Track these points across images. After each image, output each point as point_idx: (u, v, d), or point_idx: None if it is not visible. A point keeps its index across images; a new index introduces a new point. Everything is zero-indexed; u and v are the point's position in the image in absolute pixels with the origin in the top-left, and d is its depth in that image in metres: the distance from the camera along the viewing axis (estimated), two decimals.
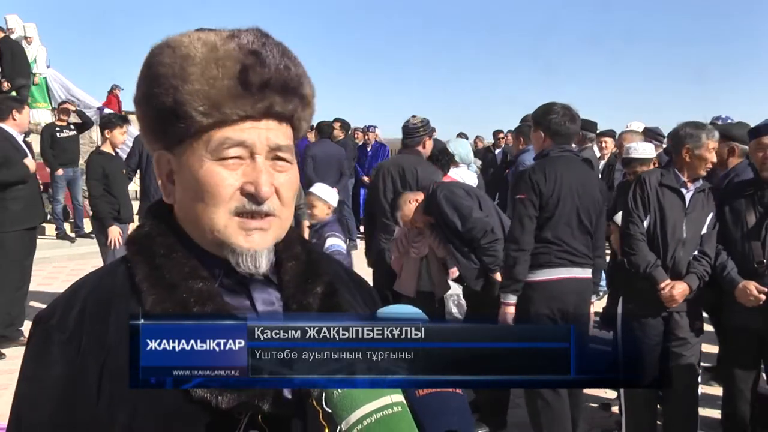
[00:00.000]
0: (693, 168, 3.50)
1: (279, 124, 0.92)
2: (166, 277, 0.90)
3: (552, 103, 3.73)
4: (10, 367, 5.29)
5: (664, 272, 3.46)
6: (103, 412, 0.87)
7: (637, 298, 3.58)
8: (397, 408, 0.73)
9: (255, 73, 0.88)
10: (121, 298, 0.91)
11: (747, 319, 3.40)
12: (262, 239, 0.90)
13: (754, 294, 3.32)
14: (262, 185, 0.88)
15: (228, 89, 0.87)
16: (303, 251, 1.01)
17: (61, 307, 0.93)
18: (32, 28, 13.85)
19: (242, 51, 0.89)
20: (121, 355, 0.84)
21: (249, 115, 0.89)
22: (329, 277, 1.00)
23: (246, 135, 0.89)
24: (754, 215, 3.44)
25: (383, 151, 11.76)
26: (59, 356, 0.89)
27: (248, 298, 0.94)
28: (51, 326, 0.91)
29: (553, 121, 3.63)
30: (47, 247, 9.36)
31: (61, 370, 0.88)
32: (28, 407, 0.90)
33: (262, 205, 0.89)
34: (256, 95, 0.88)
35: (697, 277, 3.42)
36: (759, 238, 3.41)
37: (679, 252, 3.46)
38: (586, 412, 4.20)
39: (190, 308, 0.88)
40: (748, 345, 3.49)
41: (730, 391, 3.62)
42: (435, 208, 3.99)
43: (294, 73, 0.92)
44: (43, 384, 0.89)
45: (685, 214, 3.48)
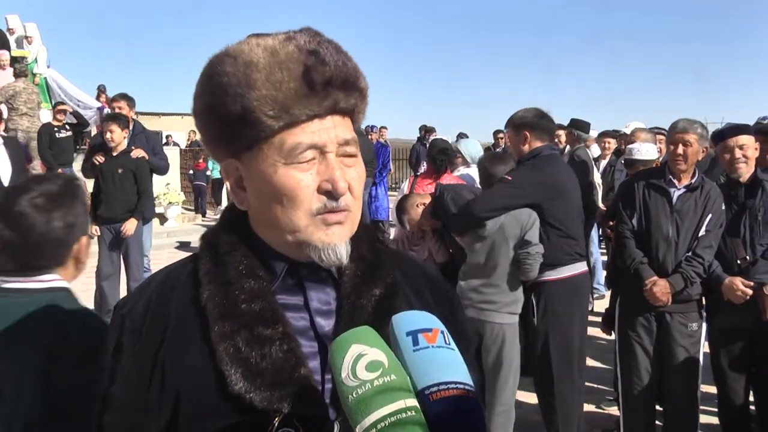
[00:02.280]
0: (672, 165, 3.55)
1: (343, 119, 0.95)
2: (224, 274, 0.94)
3: (526, 108, 3.74)
4: None
5: (650, 270, 3.48)
6: (153, 399, 0.92)
7: (630, 297, 3.61)
8: (411, 412, 0.73)
9: (317, 73, 0.90)
10: (183, 290, 0.96)
11: (736, 317, 3.42)
12: (340, 232, 0.93)
13: (741, 288, 3.34)
14: (338, 181, 0.90)
15: (294, 91, 0.89)
16: (370, 251, 1.02)
17: (133, 298, 1.00)
18: (33, 27, 13.84)
19: (302, 52, 0.91)
20: (174, 345, 0.92)
21: (316, 114, 0.91)
22: (393, 278, 1.00)
23: (316, 137, 0.91)
24: (730, 214, 3.48)
25: (384, 152, 11.77)
26: (127, 343, 0.96)
27: (304, 296, 0.96)
28: (123, 315, 0.99)
29: (539, 121, 3.64)
30: None
31: (126, 357, 0.95)
32: (108, 380, 0.98)
33: (339, 201, 0.92)
34: (321, 94, 0.90)
35: (682, 277, 3.41)
36: (739, 235, 3.45)
37: (665, 251, 3.47)
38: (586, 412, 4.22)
39: (239, 305, 0.91)
40: (737, 343, 3.51)
41: (724, 391, 3.63)
42: (441, 210, 3.97)
43: (351, 68, 0.94)
44: (115, 365, 0.97)
45: (671, 212, 3.49)
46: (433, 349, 0.78)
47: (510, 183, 3.49)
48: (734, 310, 3.41)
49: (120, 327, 0.98)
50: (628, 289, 3.62)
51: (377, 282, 0.98)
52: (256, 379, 0.87)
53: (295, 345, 0.91)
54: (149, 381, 0.92)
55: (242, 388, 0.86)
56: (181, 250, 10.99)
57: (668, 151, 3.58)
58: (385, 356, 0.77)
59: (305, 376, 0.89)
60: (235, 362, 0.88)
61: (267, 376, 0.87)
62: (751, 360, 3.55)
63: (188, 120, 25.85)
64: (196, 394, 0.89)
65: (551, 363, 3.50)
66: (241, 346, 0.89)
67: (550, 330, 3.50)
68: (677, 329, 3.50)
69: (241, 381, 0.87)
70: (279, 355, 0.89)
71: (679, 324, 3.50)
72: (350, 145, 0.94)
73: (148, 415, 0.92)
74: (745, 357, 3.53)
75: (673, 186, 3.52)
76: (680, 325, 3.50)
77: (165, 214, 12.50)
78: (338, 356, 0.78)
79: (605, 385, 4.80)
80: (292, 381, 0.88)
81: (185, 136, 21.21)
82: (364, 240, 1.02)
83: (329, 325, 0.94)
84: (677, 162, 3.47)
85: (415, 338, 0.79)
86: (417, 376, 0.76)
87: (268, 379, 0.87)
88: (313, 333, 0.94)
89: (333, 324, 0.95)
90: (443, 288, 1.11)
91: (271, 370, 0.88)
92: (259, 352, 0.89)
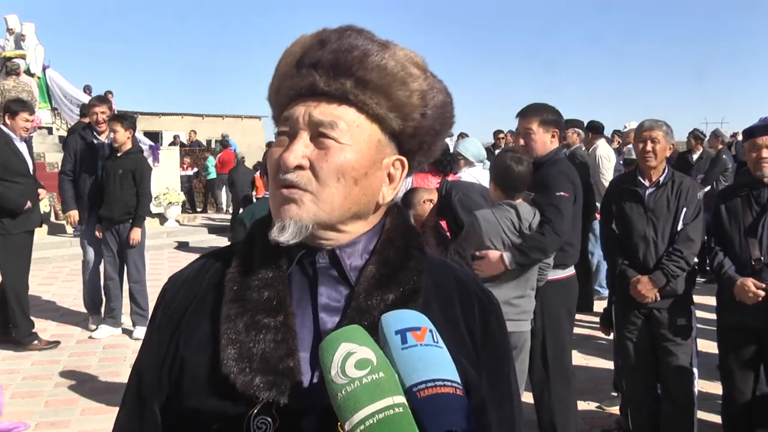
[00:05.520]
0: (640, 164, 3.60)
1: (329, 104, 0.93)
2: (249, 259, 0.98)
3: (543, 104, 3.70)
4: (11, 368, 5.31)
5: (633, 271, 3.52)
6: (166, 366, 0.96)
7: (622, 297, 3.65)
8: (398, 409, 0.73)
9: (308, 56, 0.95)
10: (216, 271, 1.01)
11: (747, 318, 3.40)
12: (289, 209, 0.92)
13: (753, 290, 3.33)
14: (287, 155, 0.91)
15: (286, 72, 0.97)
16: (399, 255, 0.98)
17: (177, 275, 1.06)
18: (29, 27, 13.86)
19: (313, 39, 0.96)
20: (191, 321, 0.97)
21: (297, 93, 0.95)
22: (414, 285, 0.95)
23: (291, 111, 0.95)
24: (750, 214, 3.46)
25: None
26: (159, 315, 1.02)
27: (315, 290, 0.96)
28: (166, 289, 1.05)
29: (563, 121, 3.65)
30: (47, 247, 9.37)
31: (155, 328, 1.01)
32: (141, 348, 1.04)
33: (287, 174, 0.92)
34: (304, 75, 0.94)
35: (663, 273, 3.43)
36: (756, 236, 3.43)
37: (645, 250, 3.50)
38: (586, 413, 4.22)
39: (250, 290, 0.94)
40: (746, 344, 3.50)
41: (729, 391, 3.63)
42: (449, 211, 3.95)
43: (353, 56, 0.93)
44: (149, 336, 1.03)
45: (645, 212, 3.51)
46: (422, 347, 0.78)
47: (569, 198, 3.47)
48: (745, 310, 3.39)
49: (160, 300, 1.04)
50: (620, 292, 3.67)
51: (392, 287, 0.94)
52: (245, 363, 0.88)
53: (290, 336, 0.91)
54: (165, 351, 0.97)
55: (230, 370, 0.88)
56: (180, 250, 11.00)
57: (636, 149, 3.64)
58: (374, 354, 0.78)
59: (291, 367, 0.89)
60: (230, 344, 0.90)
61: (254, 363, 0.88)
62: (759, 361, 3.55)
63: (188, 120, 25.92)
64: (196, 367, 0.93)
65: (548, 363, 3.51)
66: (240, 329, 0.91)
67: (548, 331, 3.52)
68: (666, 325, 3.52)
69: (231, 362, 0.89)
70: (271, 344, 0.90)
71: (668, 320, 3.52)
72: (326, 127, 0.92)
73: (160, 383, 0.96)
74: (754, 357, 3.53)
75: (643, 186, 3.55)
76: (669, 322, 3.52)
77: (165, 214, 12.50)
78: (328, 354, 0.78)
79: (605, 385, 4.80)
80: (278, 371, 0.88)
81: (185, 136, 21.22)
82: (394, 243, 0.99)
83: (333, 323, 0.94)
84: (647, 158, 3.51)
85: (404, 336, 0.79)
86: (405, 374, 0.77)
87: (255, 366, 0.88)
88: (313, 327, 0.94)
89: (337, 321, 0.94)
90: (481, 304, 1.02)
91: (260, 357, 0.89)
92: (254, 338, 0.90)
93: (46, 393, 4.80)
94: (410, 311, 0.84)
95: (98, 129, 6.19)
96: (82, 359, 5.54)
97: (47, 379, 5.08)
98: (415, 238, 1.02)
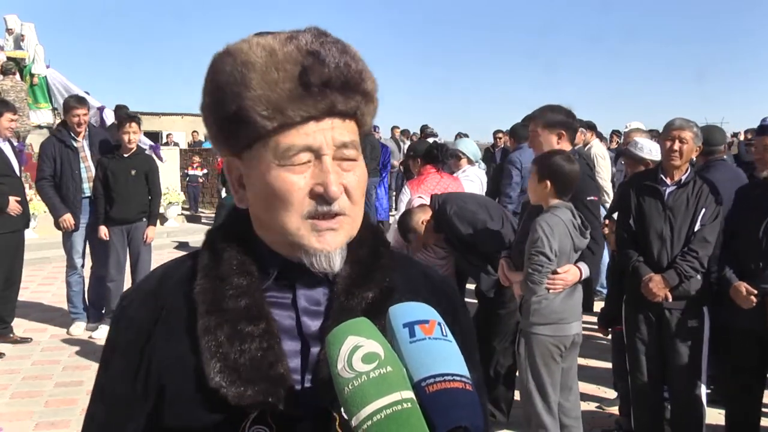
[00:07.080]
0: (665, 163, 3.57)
1: (343, 122, 0.92)
2: (218, 269, 0.94)
3: (553, 105, 3.70)
4: (11, 368, 5.30)
5: (646, 267, 3.50)
6: (139, 387, 0.93)
7: (633, 296, 3.62)
8: (406, 404, 0.72)
9: (315, 74, 0.88)
10: (179, 284, 0.97)
11: (752, 320, 3.38)
12: (333, 239, 0.91)
13: (743, 294, 3.32)
14: (331, 185, 0.88)
15: (289, 92, 0.87)
16: (370, 253, 0.99)
17: (134, 290, 1.03)
18: (29, 27, 13.83)
19: (301, 52, 0.88)
20: (162, 336, 0.93)
21: (312, 115, 0.89)
22: (390, 282, 0.97)
23: (311, 139, 0.89)
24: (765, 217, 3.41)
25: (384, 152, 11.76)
26: (121, 335, 0.98)
27: (293, 295, 0.95)
28: (123, 306, 1.00)
29: (573, 122, 3.63)
30: (47, 247, 9.35)
31: (118, 348, 0.97)
32: (102, 370, 1.00)
33: (332, 205, 0.89)
34: (318, 95, 0.88)
35: (676, 272, 3.41)
36: None
37: (660, 248, 3.48)
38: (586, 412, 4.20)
39: (226, 300, 0.91)
40: (751, 345, 3.48)
41: (734, 391, 3.62)
42: (445, 225, 3.93)
43: (354, 70, 0.91)
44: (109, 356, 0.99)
45: (664, 210, 3.49)
46: (430, 340, 0.77)
47: (598, 203, 3.49)
48: (749, 313, 3.37)
49: (118, 318, 1.00)
50: (632, 289, 3.63)
51: (371, 285, 0.95)
52: (233, 374, 0.86)
53: (275, 343, 0.90)
54: (136, 370, 0.93)
55: (218, 382, 0.86)
56: (180, 250, 10.99)
57: (663, 147, 3.60)
58: (382, 348, 0.77)
59: (282, 374, 0.88)
60: (215, 357, 0.88)
61: (243, 372, 0.87)
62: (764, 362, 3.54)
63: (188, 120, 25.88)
64: (178, 386, 0.90)
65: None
66: (223, 340, 0.88)
67: None
68: (677, 326, 3.50)
69: (218, 375, 0.86)
70: (257, 352, 0.88)
71: (679, 320, 3.50)
72: (349, 148, 0.91)
73: (133, 405, 0.93)
74: (758, 359, 3.51)
75: (664, 184, 3.53)
76: (680, 322, 3.50)
77: (165, 214, 12.50)
78: (334, 348, 0.77)
79: (605, 385, 4.79)
80: (268, 378, 0.87)
81: (185, 136, 21.20)
82: (366, 242, 0.99)
83: (316, 325, 0.93)
84: (672, 158, 3.49)
85: (412, 330, 0.78)
86: (413, 368, 0.76)
87: (244, 375, 0.86)
88: (297, 332, 0.93)
89: (320, 324, 0.93)
90: (447, 296, 1.06)
91: (248, 366, 0.87)
92: (239, 348, 0.88)
93: (46, 393, 4.79)
94: (419, 303, 0.83)
95: (77, 131, 6.03)
96: (83, 359, 5.53)
97: (47, 379, 5.06)
98: (379, 235, 1.03)
